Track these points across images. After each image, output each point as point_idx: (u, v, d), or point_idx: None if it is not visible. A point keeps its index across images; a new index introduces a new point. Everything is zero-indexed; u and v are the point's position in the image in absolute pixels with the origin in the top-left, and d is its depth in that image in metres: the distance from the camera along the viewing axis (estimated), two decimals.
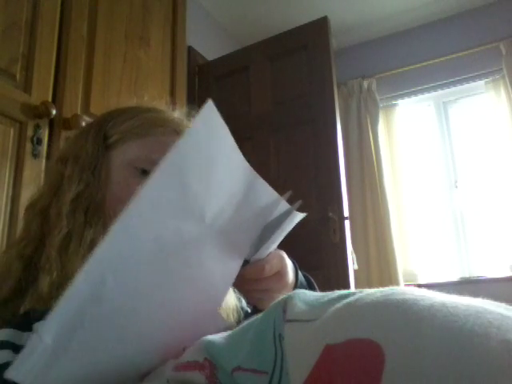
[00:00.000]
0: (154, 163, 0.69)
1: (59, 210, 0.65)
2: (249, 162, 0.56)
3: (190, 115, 0.79)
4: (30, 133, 1.30)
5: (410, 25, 3.21)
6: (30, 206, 0.69)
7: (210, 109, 0.43)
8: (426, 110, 3.24)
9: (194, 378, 0.37)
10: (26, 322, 0.53)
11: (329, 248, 2.12)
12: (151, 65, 1.81)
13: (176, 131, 0.72)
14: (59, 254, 0.62)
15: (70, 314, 0.38)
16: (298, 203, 0.56)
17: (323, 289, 0.69)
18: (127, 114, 0.74)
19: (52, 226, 0.64)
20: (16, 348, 0.51)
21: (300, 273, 0.67)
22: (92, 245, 0.64)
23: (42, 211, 0.67)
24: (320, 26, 2.42)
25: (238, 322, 0.68)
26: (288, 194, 0.57)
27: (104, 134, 0.72)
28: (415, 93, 3.18)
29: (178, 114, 0.78)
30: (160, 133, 0.71)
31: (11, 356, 0.50)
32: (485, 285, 2.72)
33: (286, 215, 0.54)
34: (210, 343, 0.39)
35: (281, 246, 0.63)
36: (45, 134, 1.34)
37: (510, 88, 2.85)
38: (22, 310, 0.58)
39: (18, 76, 1.31)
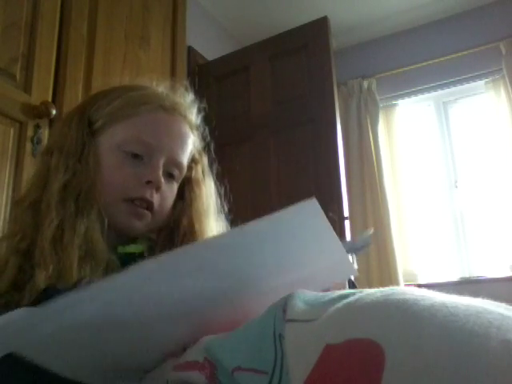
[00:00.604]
0: (144, 144, 0.67)
1: (48, 202, 0.63)
2: (249, 162, 0.56)
3: (174, 88, 0.77)
4: (30, 133, 1.30)
5: (410, 25, 3.21)
6: (20, 201, 0.67)
7: (309, 207, 0.40)
8: (426, 110, 3.24)
9: (193, 378, 0.37)
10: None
11: None
12: (151, 65, 1.81)
13: (162, 106, 0.71)
14: (53, 247, 0.60)
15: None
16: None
17: None
18: (110, 95, 0.72)
19: (43, 218, 0.63)
20: None
21: None
22: (87, 234, 0.62)
23: (32, 205, 0.65)
24: (320, 26, 2.42)
25: None
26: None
27: (88, 119, 0.70)
28: (415, 93, 3.18)
29: (162, 88, 0.75)
30: (146, 110, 0.69)
31: None
32: (485, 285, 2.72)
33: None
34: (210, 343, 0.39)
35: None
36: (45, 134, 1.34)
37: (510, 88, 2.84)
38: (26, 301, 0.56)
39: (18, 76, 1.31)
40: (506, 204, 2.80)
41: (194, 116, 0.76)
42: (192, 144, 0.75)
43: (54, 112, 1.33)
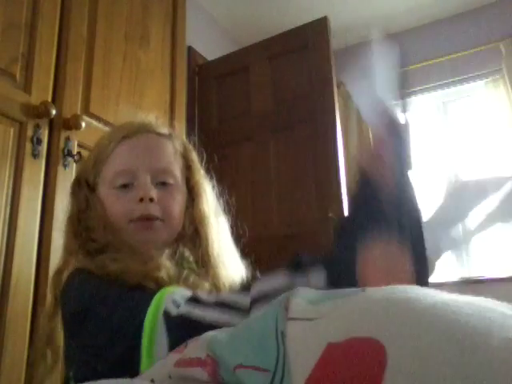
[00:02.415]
0: (125, 173, 0.77)
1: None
2: (249, 162, 0.62)
3: (135, 115, 0.86)
4: (29, 133, 1.30)
5: (410, 25, 3.21)
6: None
7: None
8: (425, 110, 3.24)
9: (196, 374, 0.37)
10: None
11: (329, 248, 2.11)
12: (151, 65, 1.81)
13: (124, 136, 0.79)
14: None
15: None
16: None
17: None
18: (92, 152, 0.83)
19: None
20: None
21: None
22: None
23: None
24: (320, 26, 2.42)
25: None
26: None
27: (86, 181, 0.80)
28: (415, 93, 3.18)
29: (125, 120, 0.85)
30: (114, 147, 0.79)
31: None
32: (485, 285, 2.71)
33: None
34: (213, 340, 0.39)
35: (282, 246, 0.64)
36: (45, 134, 1.34)
37: (510, 88, 2.84)
38: None
39: (17, 76, 1.31)
40: None
41: (158, 127, 0.84)
42: (171, 148, 0.82)
43: (53, 112, 1.33)
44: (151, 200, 0.75)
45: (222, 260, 0.79)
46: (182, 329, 0.52)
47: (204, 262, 0.77)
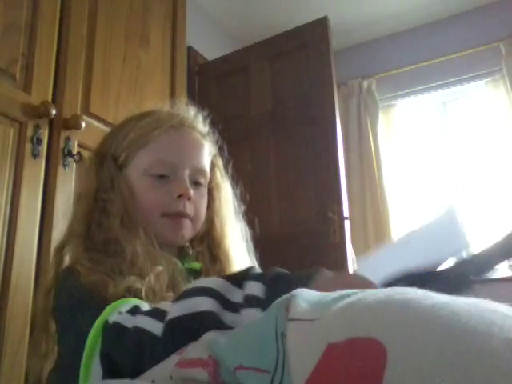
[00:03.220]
0: (166, 164, 0.74)
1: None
2: (249, 162, 0.60)
3: (176, 106, 0.84)
4: (29, 133, 1.30)
5: (410, 25, 3.21)
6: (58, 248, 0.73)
7: None
8: (425, 110, 3.24)
9: (197, 374, 0.37)
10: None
11: (329, 248, 2.11)
12: (151, 65, 1.81)
13: (171, 126, 0.77)
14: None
15: None
16: None
17: None
18: (124, 130, 0.78)
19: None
20: (223, 301, 0.48)
21: None
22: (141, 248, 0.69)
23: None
24: (320, 26, 2.42)
25: None
26: None
27: (112, 156, 0.76)
28: (415, 93, 3.18)
29: (166, 108, 0.82)
30: (159, 134, 0.76)
31: (214, 306, 0.47)
32: (484, 285, 2.71)
33: None
34: (214, 341, 0.39)
35: (282, 246, 0.64)
36: (45, 134, 1.34)
37: (510, 88, 2.84)
38: None
39: (18, 76, 1.31)
40: (505, 204, 2.80)
41: (201, 125, 0.83)
42: (207, 149, 0.82)
43: (53, 112, 1.33)
44: (189, 198, 0.74)
45: (233, 259, 0.79)
46: (111, 334, 0.52)
47: (214, 259, 0.77)
